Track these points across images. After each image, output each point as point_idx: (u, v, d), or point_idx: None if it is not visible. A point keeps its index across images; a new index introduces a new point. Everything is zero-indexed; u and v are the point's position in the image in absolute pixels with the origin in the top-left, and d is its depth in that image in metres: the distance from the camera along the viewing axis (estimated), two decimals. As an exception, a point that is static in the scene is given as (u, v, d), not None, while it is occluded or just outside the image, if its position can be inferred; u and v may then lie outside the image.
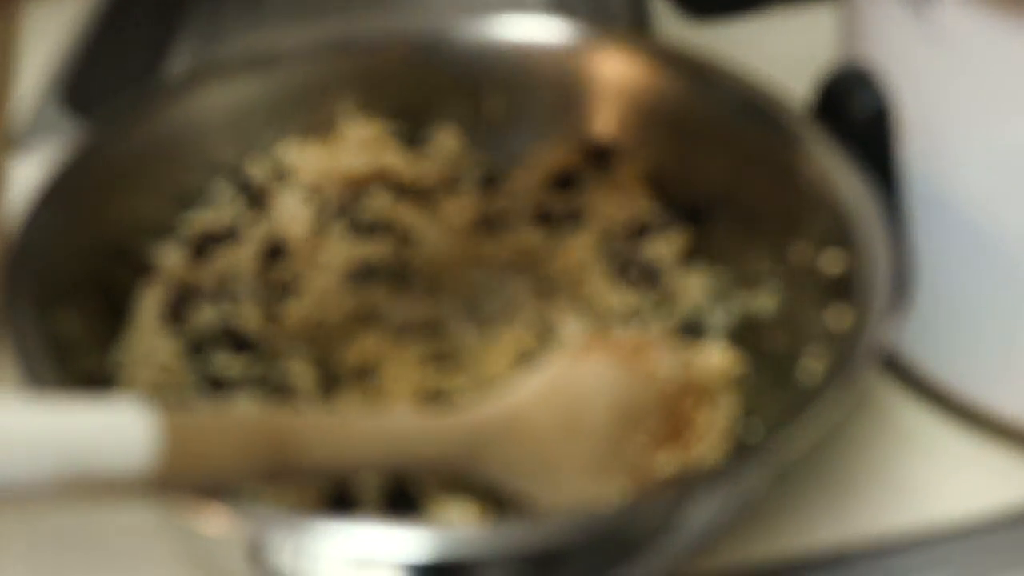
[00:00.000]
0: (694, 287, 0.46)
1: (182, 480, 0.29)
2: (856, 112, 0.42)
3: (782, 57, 0.50)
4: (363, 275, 0.45)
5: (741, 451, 0.35)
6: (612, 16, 0.65)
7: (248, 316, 0.42)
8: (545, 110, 0.49)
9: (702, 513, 0.34)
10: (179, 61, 0.67)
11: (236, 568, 0.33)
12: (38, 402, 0.27)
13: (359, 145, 0.48)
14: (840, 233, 0.40)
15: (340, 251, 0.46)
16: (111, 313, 0.42)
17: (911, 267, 0.42)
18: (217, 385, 0.41)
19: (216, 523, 0.30)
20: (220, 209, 0.46)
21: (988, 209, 0.40)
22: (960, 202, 0.41)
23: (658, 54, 0.48)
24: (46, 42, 0.65)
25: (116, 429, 0.27)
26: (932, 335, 0.44)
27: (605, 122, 0.49)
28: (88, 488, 0.27)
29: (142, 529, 0.41)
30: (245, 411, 0.36)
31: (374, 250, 0.46)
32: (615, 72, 0.48)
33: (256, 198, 0.47)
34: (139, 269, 0.43)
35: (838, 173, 0.41)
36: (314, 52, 0.48)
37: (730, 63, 0.46)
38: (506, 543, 0.30)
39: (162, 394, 0.39)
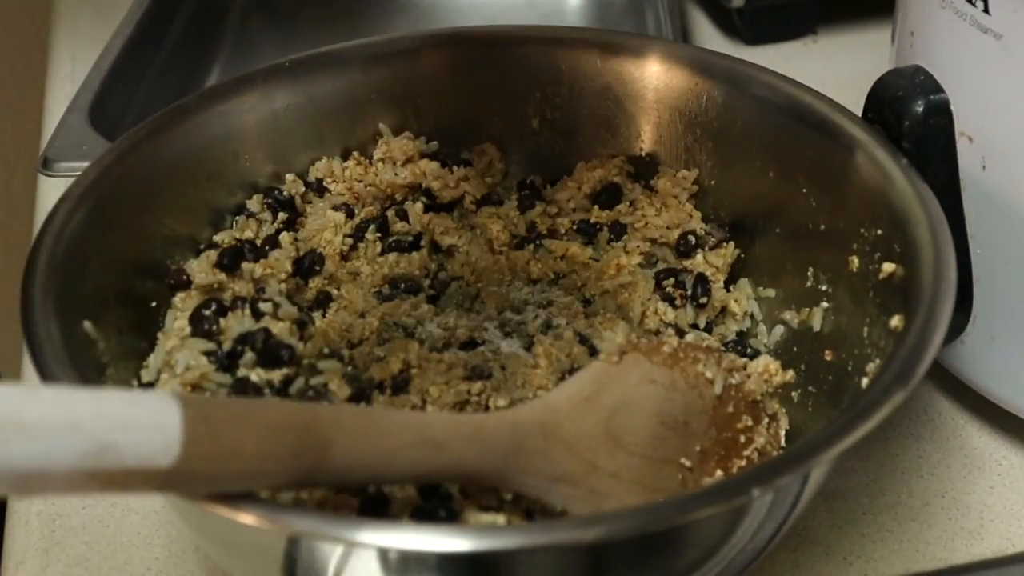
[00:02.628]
0: (742, 303, 0.46)
1: (211, 470, 0.29)
2: (913, 116, 0.41)
3: (830, 79, 0.51)
4: (397, 290, 0.45)
5: (791, 452, 0.34)
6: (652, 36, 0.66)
7: (279, 328, 0.42)
8: (589, 123, 0.50)
9: (752, 515, 0.33)
10: (210, 82, 0.69)
11: (272, 569, 0.33)
12: (69, 392, 0.27)
13: (395, 162, 0.49)
14: (895, 244, 0.39)
15: (374, 266, 0.46)
16: (142, 326, 0.42)
17: (971, 277, 0.42)
18: (245, 396, 0.40)
19: (249, 520, 0.30)
20: (254, 223, 0.47)
21: None
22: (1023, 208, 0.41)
23: (700, 63, 0.48)
24: (76, 64, 0.67)
25: (143, 417, 0.28)
26: (998, 351, 0.44)
27: (649, 135, 0.49)
28: (116, 478, 0.27)
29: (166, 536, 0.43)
30: (273, 403, 0.36)
31: (409, 265, 0.46)
32: (658, 82, 0.48)
33: (291, 213, 0.47)
34: (171, 282, 0.43)
35: (894, 179, 0.40)
36: (351, 63, 0.49)
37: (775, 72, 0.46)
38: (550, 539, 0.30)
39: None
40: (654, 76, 0.48)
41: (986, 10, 0.39)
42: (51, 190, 0.58)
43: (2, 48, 0.97)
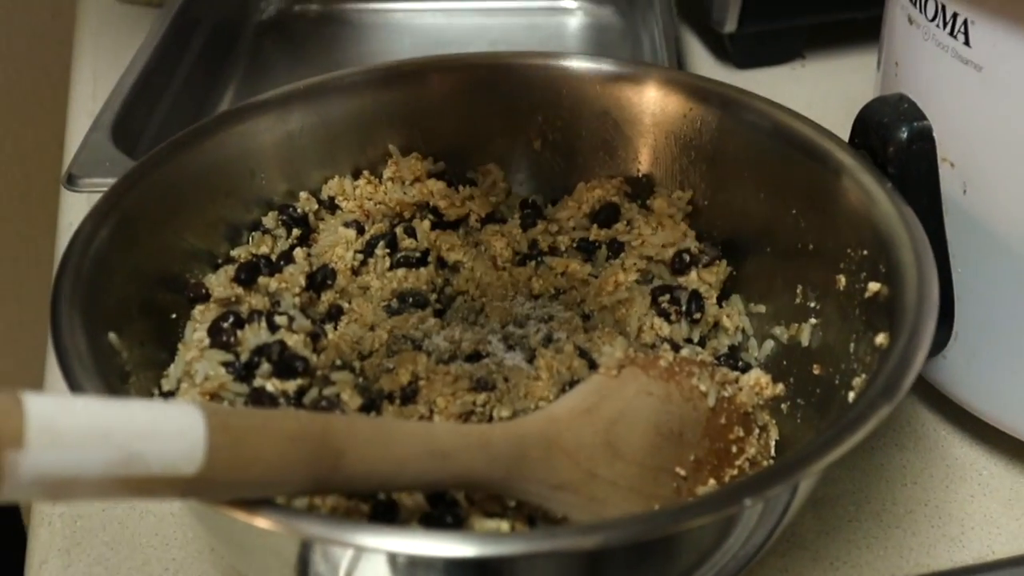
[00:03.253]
0: (734, 319, 0.46)
1: (232, 477, 0.29)
2: (897, 142, 0.41)
3: (817, 102, 0.51)
4: (405, 304, 0.45)
5: (780, 464, 0.34)
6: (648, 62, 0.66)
7: (293, 340, 0.42)
8: (588, 145, 0.50)
9: (743, 523, 0.33)
10: (224, 105, 0.69)
11: (285, 572, 0.33)
12: (99, 403, 0.27)
13: (404, 181, 0.49)
14: (880, 264, 0.39)
15: (384, 281, 0.46)
16: (162, 337, 0.42)
17: (952, 295, 0.43)
18: (262, 406, 0.40)
19: (265, 524, 0.30)
20: (269, 239, 0.47)
21: None
22: (1002, 229, 0.41)
23: (695, 90, 0.48)
24: (101, 85, 0.67)
25: (168, 427, 0.28)
26: (977, 366, 0.44)
27: (646, 157, 0.49)
28: (142, 485, 0.27)
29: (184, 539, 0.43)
30: (290, 414, 0.36)
31: (417, 280, 0.46)
32: (655, 107, 0.48)
33: (304, 229, 0.47)
34: (191, 295, 0.44)
35: (879, 203, 0.40)
36: (362, 87, 0.49)
37: (765, 96, 0.46)
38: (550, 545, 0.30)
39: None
40: (651, 102, 0.48)
41: (967, 43, 0.39)
42: (73, 204, 0.58)
43: (25, 68, 0.97)
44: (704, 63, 0.73)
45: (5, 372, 1.00)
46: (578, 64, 0.50)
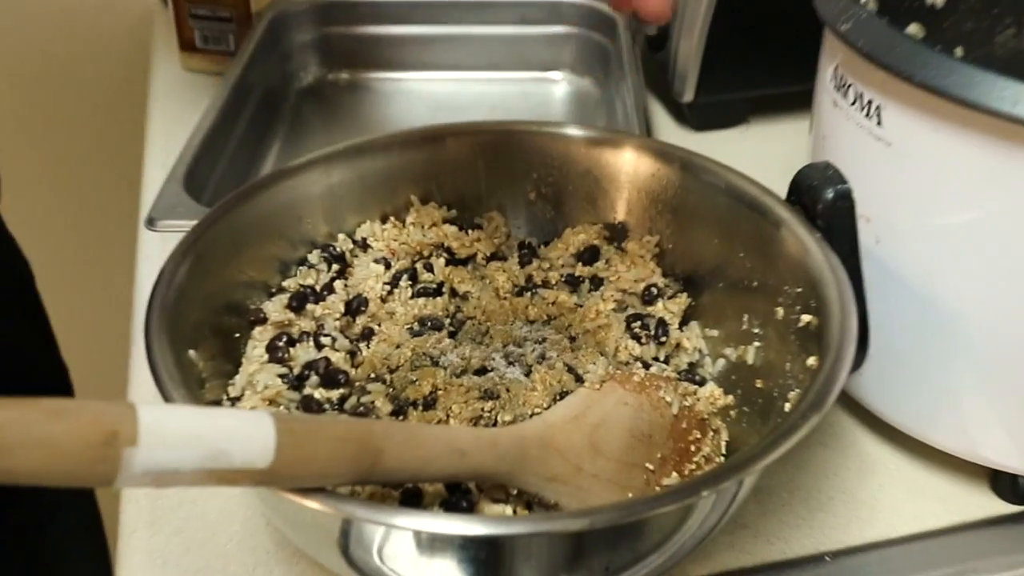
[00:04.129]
0: (693, 341, 0.46)
1: (294, 471, 0.30)
2: (824, 201, 0.42)
3: (760, 160, 0.51)
4: (425, 327, 0.46)
5: (729, 464, 0.35)
6: (624, 126, 0.66)
7: (336, 357, 0.43)
8: (575, 197, 0.50)
9: (700, 509, 0.34)
10: (271, 156, 0.70)
11: (329, 544, 0.34)
12: (193, 410, 0.28)
13: (423, 225, 0.49)
14: (811, 299, 0.40)
15: (407, 308, 0.46)
16: (228, 353, 0.42)
17: (867, 325, 0.43)
18: (311, 411, 0.41)
19: (316, 506, 0.31)
20: (314, 273, 0.47)
21: (928, 278, 0.41)
22: (906, 272, 0.41)
23: (662, 154, 0.48)
24: (171, 141, 0.67)
25: (247, 431, 0.29)
26: (886, 381, 0.45)
27: (621, 208, 0.49)
28: (226, 476, 0.28)
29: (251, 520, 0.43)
30: (340, 420, 0.37)
31: (434, 308, 0.47)
32: (629, 167, 0.48)
33: (342, 265, 0.48)
34: (251, 319, 0.44)
35: (810, 250, 0.41)
36: (390, 148, 0.49)
37: (720, 161, 0.47)
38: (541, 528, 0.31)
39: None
40: (626, 163, 0.49)
41: (879, 124, 0.40)
42: (149, 241, 0.58)
43: (105, 128, 0.97)
44: (667, 126, 0.73)
45: (93, 387, 0.99)
46: (567, 131, 0.50)
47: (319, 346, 0.43)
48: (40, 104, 0.95)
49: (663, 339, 0.46)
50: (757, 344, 0.43)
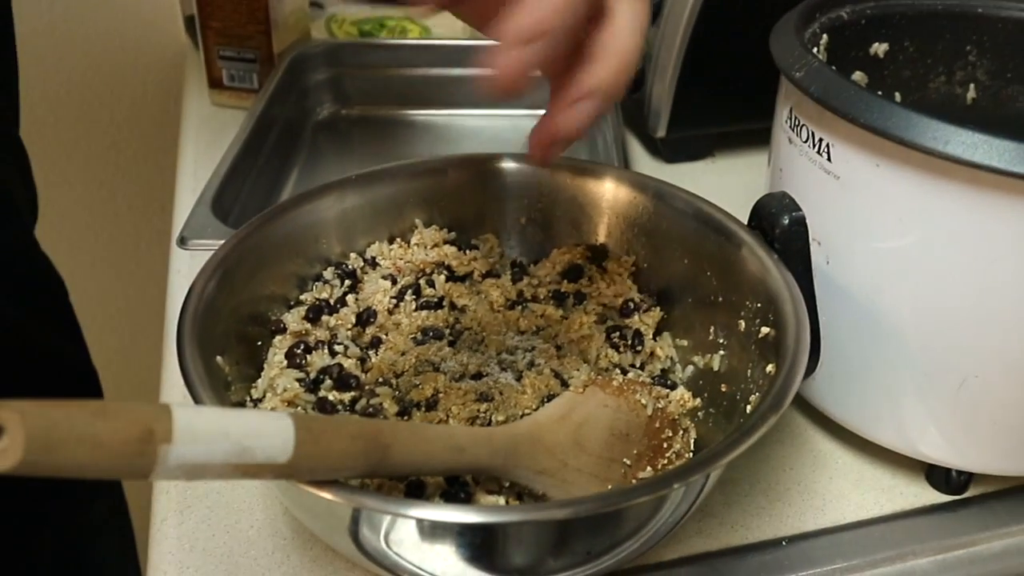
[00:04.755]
0: (665, 350, 0.46)
1: (311, 465, 0.30)
2: (781, 226, 0.42)
3: (724, 189, 0.51)
4: (427, 337, 0.46)
5: (698, 459, 0.34)
6: (604, 158, 0.67)
7: (348, 363, 0.43)
8: (561, 222, 0.50)
9: (672, 499, 0.34)
10: (291, 183, 0.70)
11: (341, 530, 0.34)
12: (220, 410, 0.28)
13: (426, 246, 0.49)
14: (770, 312, 0.40)
15: (411, 319, 0.46)
16: (252, 359, 0.42)
17: (819, 336, 0.44)
18: (326, 411, 0.41)
19: (330, 496, 0.31)
20: (328, 288, 0.47)
21: (871, 295, 0.41)
22: (852, 289, 0.42)
23: (638, 184, 0.48)
24: (201, 169, 0.67)
25: (269, 429, 0.29)
26: (835, 385, 0.45)
27: (602, 231, 0.49)
28: (250, 469, 0.28)
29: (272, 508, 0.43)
30: (352, 419, 0.37)
31: (435, 319, 0.47)
32: (609, 195, 0.49)
33: (353, 280, 0.47)
34: (272, 329, 0.44)
35: (769, 269, 0.41)
36: (397, 176, 0.49)
37: (689, 190, 0.47)
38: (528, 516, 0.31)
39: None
40: (607, 191, 0.49)
41: (829, 160, 0.40)
42: (180, 257, 0.58)
43: (139, 155, 0.97)
44: (642, 158, 0.74)
45: (125, 390, 0.98)
46: (555, 163, 0.50)
47: (333, 353, 0.43)
48: (83, 134, 0.95)
49: (639, 348, 0.46)
50: (722, 353, 0.44)
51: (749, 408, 0.39)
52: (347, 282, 0.47)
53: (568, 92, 0.31)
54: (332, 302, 0.46)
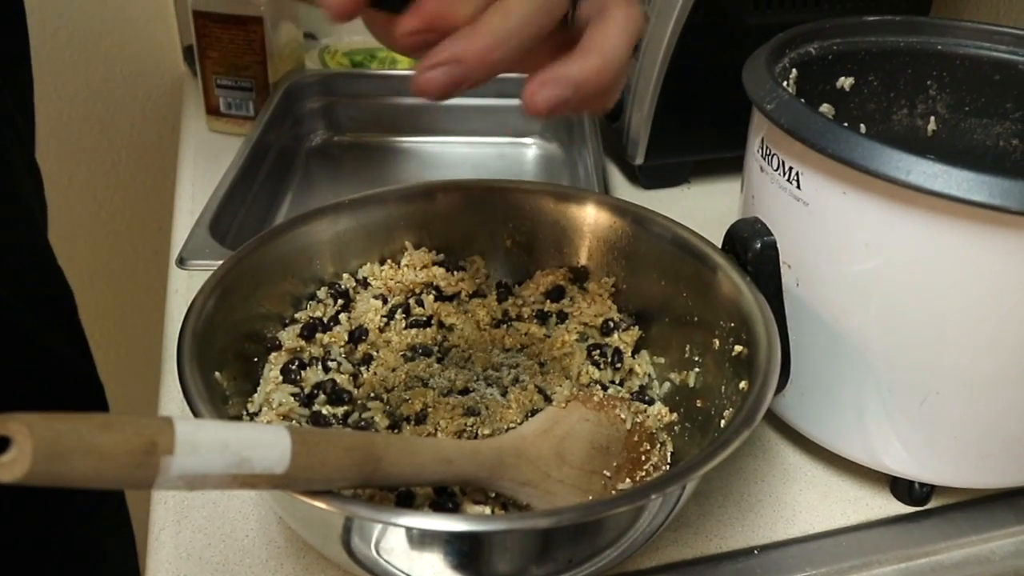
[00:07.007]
0: (643, 367, 0.46)
1: (306, 475, 0.30)
2: (753, 250, 0.43)
3: (699, 214, 0.51)
4: (417, 353, 0.46)
5: (675, 471, 0.35)
6: (585, 184, 0.67)
7: (341, 378, 0.43)
8: (544, 245, 0.50)
9: (650, 509, 0.34)
10: (285, 206, 0.70)
11: (334, 538, 0.34)
12: (220, 423, 0.28)
13: (415, 267, 0.49)
14: (743, 332, 0.40)
15: (401, 337, 0.46)
16: (248, 375, 0.42)
17: (789, 355, 0.44)
18: (320, 425, 0.41)
19: (323, 505, 0.31)
20: (322, 306, 0.47)
21: (838, 316, 0.41)
22: (821, 310, 0.42)
23: (618, 209, 0.48)
24: (199, 192, 0.68)
25: (266, 441, 0.29)
26: (805, 401, 0.45)
27: (583, 254, 0.50)
28: (248, 480, 0.28)
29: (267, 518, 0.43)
30: (346, 432, 0.37)
31: (424, 337, 0.47)
32: (590, 220, 0.49)
33: (346, 300, 0.47)
34: (268, 346, 0.44)
35: (742, 291, 0.41)
36: (388, 201, 0.49)
37: (666, 215, 0.47)
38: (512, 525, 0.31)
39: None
40: (588, 216, 0.49)
41: (798, 187, 0.41)
42: (178, 277, 0.58)
43: (139, 179, 0.97)
44: (621, 184, 0.74)
45: (125, 403, 0.97)
46: (538, 188, 0.50)
47: (326, 369, 0.43)
48: (85, 160, 0.95)
49: (618, 365, 0.46)
50: (697, 370, 0.44)
51: (723, 423, 0.39)
52: (340, 301, 0.47)
53: (535, 75, 0.29)
54: (326, 320, 0.46)
